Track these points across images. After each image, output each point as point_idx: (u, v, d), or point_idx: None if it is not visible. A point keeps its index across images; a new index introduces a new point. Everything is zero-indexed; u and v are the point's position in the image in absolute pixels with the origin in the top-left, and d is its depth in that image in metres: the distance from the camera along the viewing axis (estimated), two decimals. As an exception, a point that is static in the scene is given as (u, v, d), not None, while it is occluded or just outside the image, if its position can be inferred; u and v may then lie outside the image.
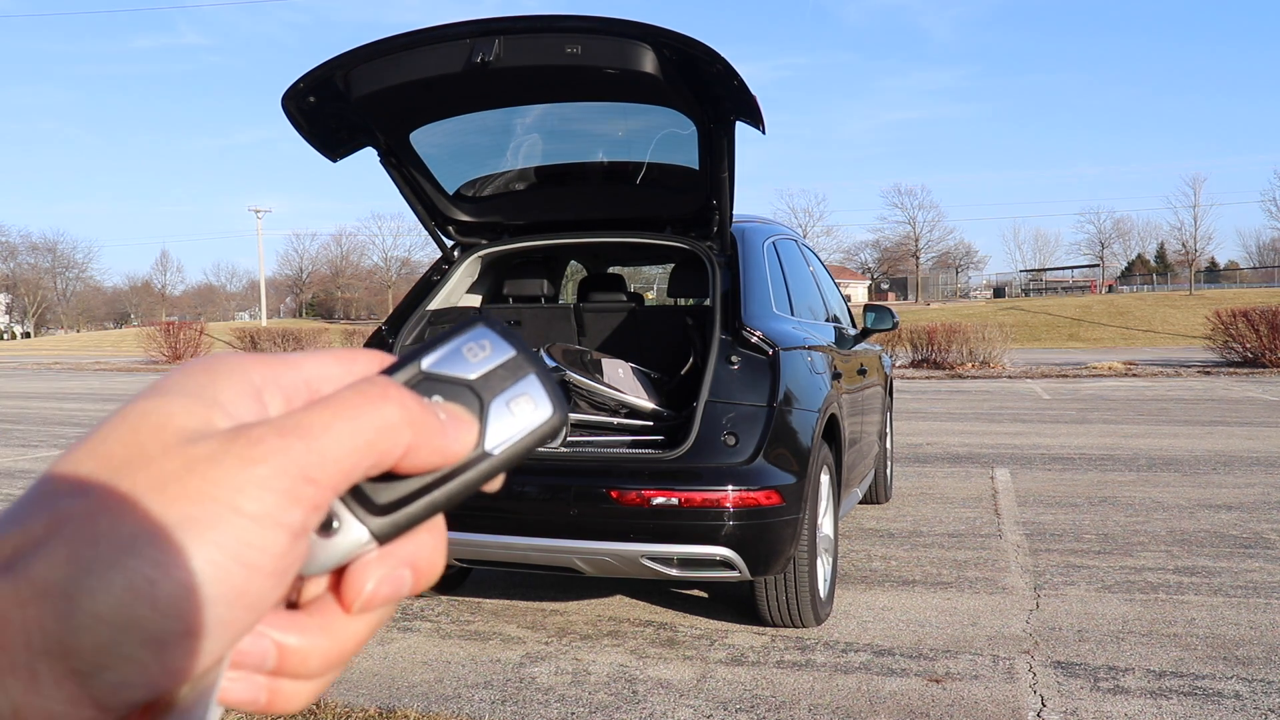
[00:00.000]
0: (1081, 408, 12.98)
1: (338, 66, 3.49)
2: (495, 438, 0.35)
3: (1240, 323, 19.89)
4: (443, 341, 0.36)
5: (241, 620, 0.29)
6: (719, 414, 3.53)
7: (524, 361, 0.36)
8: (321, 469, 0.30)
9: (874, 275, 79.53)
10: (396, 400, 0.32)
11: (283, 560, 0.29)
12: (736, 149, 3.77)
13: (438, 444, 0.33)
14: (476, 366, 0.36)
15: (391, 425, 0.32)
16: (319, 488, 0.30)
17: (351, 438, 0.31)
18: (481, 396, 0.35)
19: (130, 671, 0.27)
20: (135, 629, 0.26)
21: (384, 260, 77.61)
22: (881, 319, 5.95)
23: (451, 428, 0.34)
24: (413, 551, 0.34)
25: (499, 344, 0.36)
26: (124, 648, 0.26)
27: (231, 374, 0.32)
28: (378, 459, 0.32)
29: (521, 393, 0.35)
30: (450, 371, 0.35)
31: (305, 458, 0.30)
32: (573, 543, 3.48)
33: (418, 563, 0.34)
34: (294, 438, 0.30)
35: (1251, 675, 3.41)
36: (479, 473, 0.35)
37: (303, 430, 0.30)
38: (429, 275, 4.58)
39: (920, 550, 5.23)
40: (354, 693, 3.39)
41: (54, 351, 46.64)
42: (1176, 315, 41.54)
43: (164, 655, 0.27)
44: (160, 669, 0.27)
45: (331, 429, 0.31)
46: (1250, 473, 7.47)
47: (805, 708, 3.20)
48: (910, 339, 22.16)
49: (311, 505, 0.30)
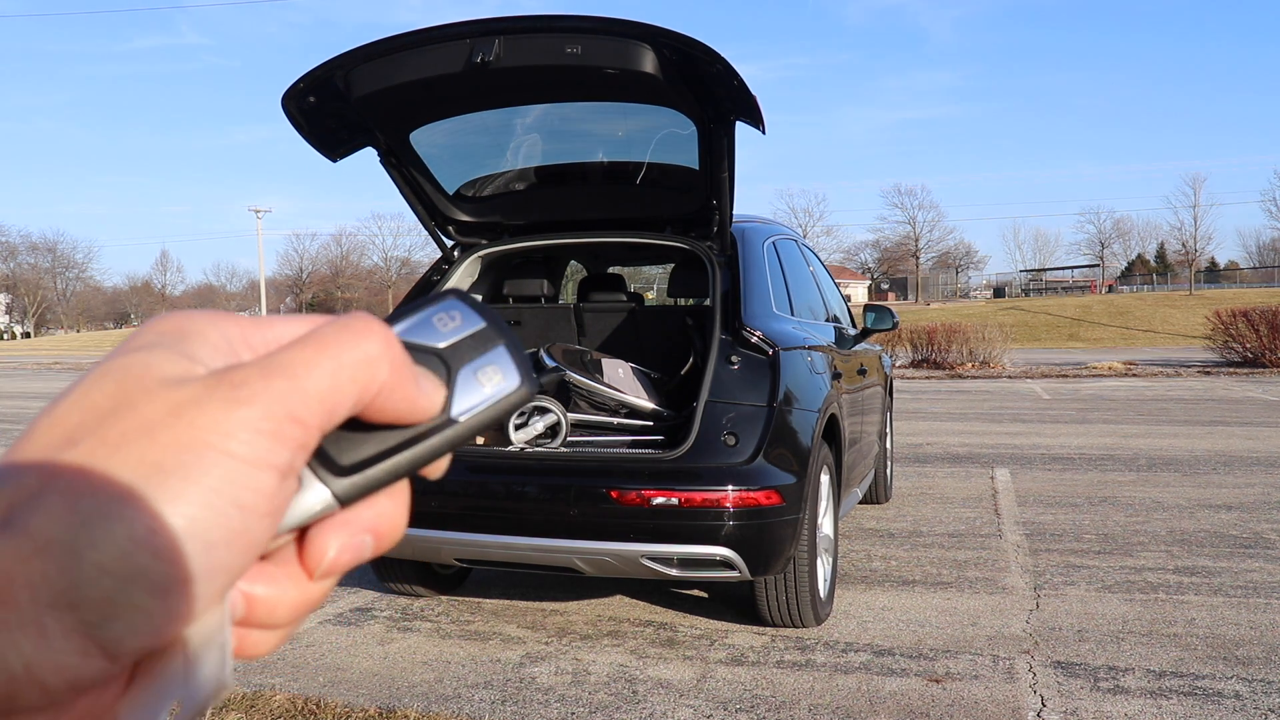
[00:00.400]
0: (1081, 408, 12.98)
1: (338, 66, 3.49)
2: (461, 405, 0.35)
3: (1240, 323, 19.89)
4: (414, 310, 0.36)
5: (239, 561, 0.29)
6: (719, 414, 3.53)
7: (494, 333, 0.36)
8: (306, 407, 0.30)
9: (874, 275, 79.53)
10: (379, 335, 0.33)
11: (274, 500, 0.29)
12: (736, 149, 3.78)
13: (410, 392, 0.33)
14: (446, 336, 0.36)
15: (373, 358, 0.32)
16: (305, 427, 0.30)
17: (335, 374, 0.31)
18: (449, 364, 0.35)
19: (137, 619, 0.27)
20: (140, 578, 0.27)
21: (384, 260, 77.69)
22: (881, 319, 5.95)
23: (425, 383, 0.34)
24: (374, 517, 0.34)
25: (470, 315, 0.36)
26: (130, 597, 0.27)
27: (203, 330, 0.32)
28: (360, 394, 0.32)
29: (489, 363, 0.36)
30: (419, 339, 0.35)
31: (291, 397, 0.30)
32: (573, 543, 3.48)
33: (379, 528, 0.34)
34: (278, 378, 0.30)
35: (1251, 675, 3.41)
36: (443, 439, 0.34)
37: (287, 369, 0.30)
38: (429, 275, 4.58)
39: (920, 550, 5.23)
40: (354, 693, 3.39)
41: (54, 351, 46.65)
42: (1176, 315, 41.54)
43: (169, 601, 0.27)
44: (165, 615, 0.27)
45: (315, 366, 0.31)
46: (1250, 473, 7.47)
47: (805, 708, 3.20)
48: (910, 339, 22.16)
49: (298, 444, 0.30)
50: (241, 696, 3.30)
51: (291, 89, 3.54)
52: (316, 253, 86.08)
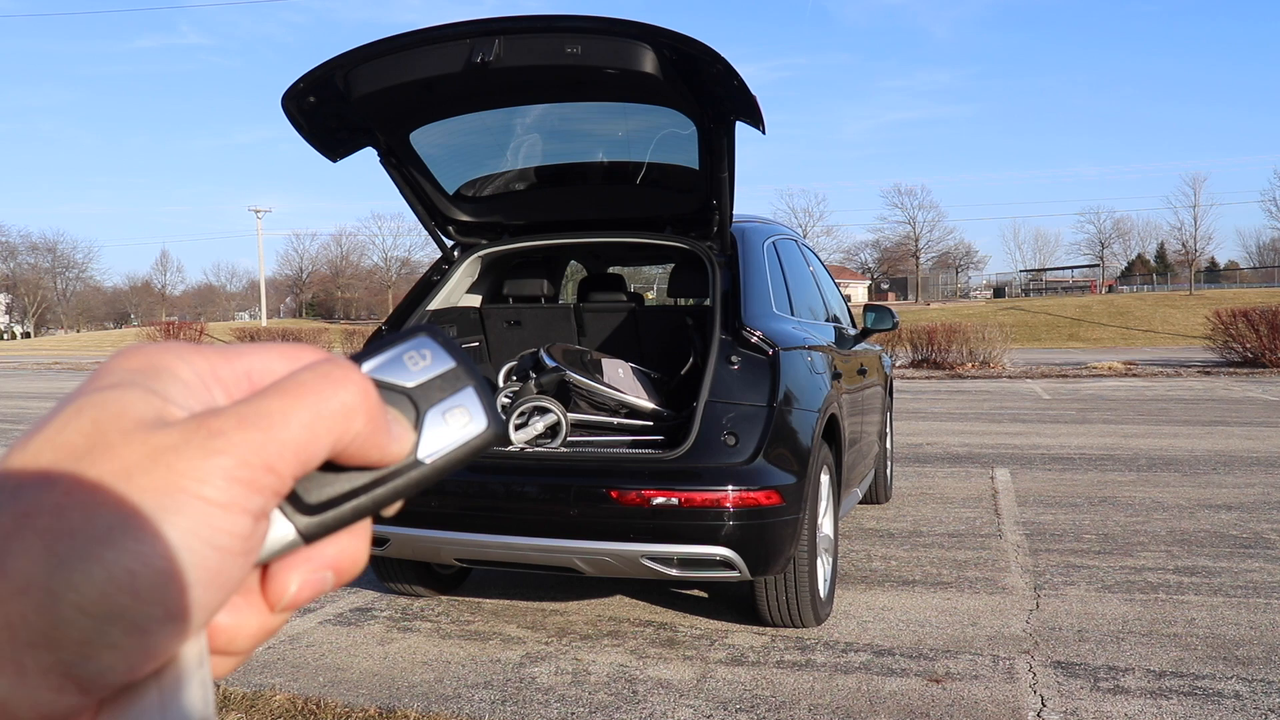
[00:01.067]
0: (1081, 408, 12.98)
1: (338, 66, 3.49)
2: (428, 447, 0.35)
3: (1240, 323, 19.88)
4: (385, 347, 0.36)
5: (215, 599, 0.30)
6: (719, 414, 3.53)
7: (463, 374, 0.36)
8: (281, 457, 0.31)
9: (874, 275, 79.51)
10: (357, 385, 0.33)
11: (249, 541, 0.30)
12: (736, 149, 3.78)
13: (382, 440, 0.34)
14: (416, 375, 0.36)
15: (350, 409, 0.32)
16: (279, 475, 0.31)
17: (311, 425, 0.31)
18: (418, 405, 0.35)
19: (115, 658, 0.27)
20: (119, 619, 0.27)
21: (384, 260, 77.65)
22: (881, 319, 5.95)
23: (396, 428, 0.34)
24: (335, 554, 0.34)
25: (440, 354, 0.36)
26: (108, 637, 0.27)
27: (173, 366, 0.32)
28: (334, 443, 0.32)
29: (458, 404, 0.36)
30: (389, 378, 0.35)
31: (266, 447, 0.30)
32: (573, 543, 3.48)
33: (340, 564, 0.35)
34: (255, 429, 0.30)
35: (1251, 675, 3.41)
36: (408, 481, 0.35)
37: (263, 419, 0.31)
38: (429, 275, 4.58)
39: (920, 550, 5.23)
40: (354, 693, 3.39)
41: (54, 351, 46.64)
42: (1176, 315, 41.53)
43: (147, 640, 0.28)
44: (143, 653, 0.28)
45: (292, 416, 0.31)
46: (1250, 473, 7.47)
47: (805, 708, 3.20)
48: (910, 339, 22.15)
49: (272, 491, 0.31)
50: (241, 696, 3.30)
51: (291, 89, 3.54)
52: (316, 253, 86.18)
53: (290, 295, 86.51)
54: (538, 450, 3.77)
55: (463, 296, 4.73)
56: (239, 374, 0.33)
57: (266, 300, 61.03)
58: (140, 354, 0.32)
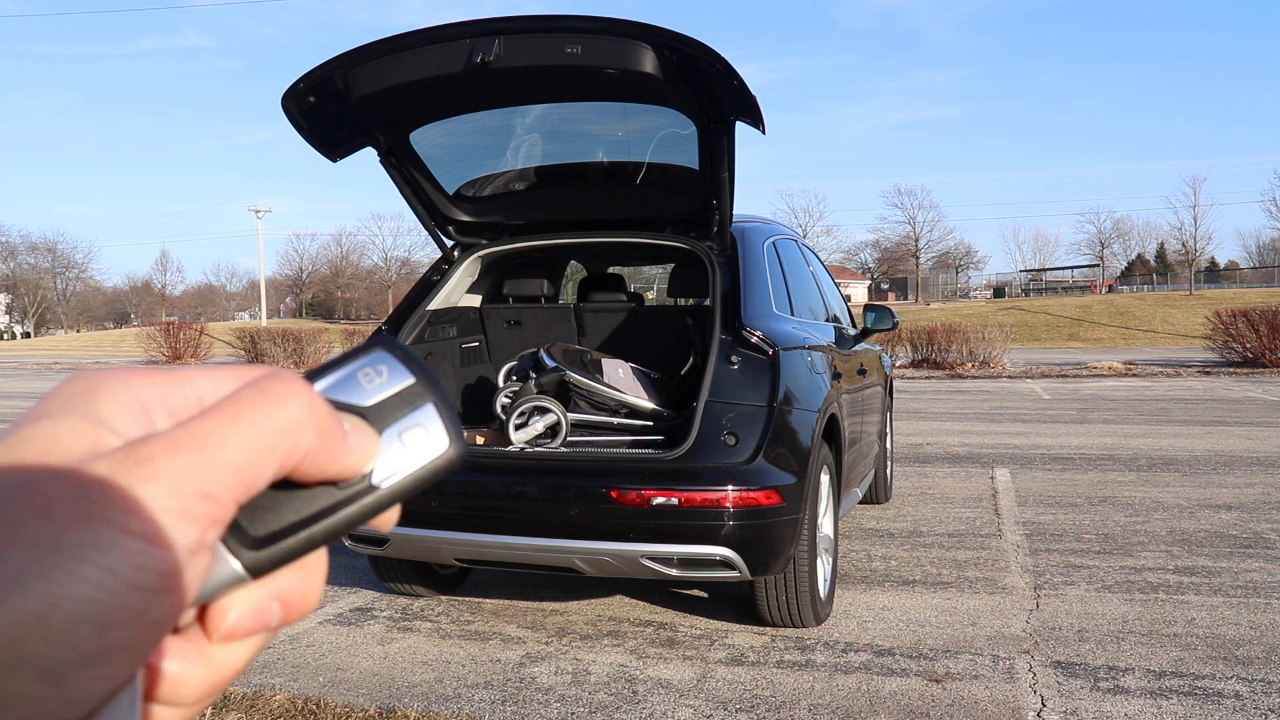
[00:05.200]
0: (1081, 408, 12.98)
1: (338, 66, 3.49)
2: (384, 470, 0.33)
3: (1240, 323, 19.88)
4: (339, 364, 0.34)
5: (143, 641, 0.27)
6: (719, 414, 3.53)
7: (422, 390, 0.34)
8: (220, 482, 0.28)
9: (874, 275, 79.50)
10: (301, 396, 0.31)
11: (179, 578, 0.28)
12: (736, 149, 3.78)
13: (337, 451, 0.31)
14: (371, 393, 0.33)
15: (295, 425, 0.30)
16: (218, 502, 0.29)
17: (253, 444, 0.29)
18: (374, 425, 0.33)
19: (27, 708, 0.25)
20: (28, 665, 0.25)
21: (384, 260, 77.60)
22: (881, 319, 5.95)
23: (354, 437, 0.32)
24: (284, 586, 0.32)
25: (397, 370, 0.34)
26: (20, 685, 0.25)
27: (114, 391, 0.30)
28: (282, 463, 0.30)
29: (416, 424, 0.33)
30: (343, 397, 0.33)
31: (201, 471, 0.28)
32: (573, 543, 3.48)
33: (288, 597, 0.32)
34: (186, 452, 0.28)
35: (1251, 675, 3.41)
36: (362, 507, 0.32)
37: (197, 442, 0.29)
38: (429, 275, 4.58)
39: (920, 550, 5.23)
40: (354, 693, 3.39)
41: (54, 351, 46.64)
42: (1176, 315, 41.52)
43: (61, 687, 0.26)
44: (59, 701, 0.26)
45: (230, 437, 0.29)
46: (1250, 473, 7.47)
47: (805, 708, 3.20)
48: (910, 339, 22.15)
49: (210, 521, 0.28)
50: (241, 696, 3.30)
51: (291, 89, 3.54)
52: (316, 253, 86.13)
53: (290, 295, 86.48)
54: (538, 450, 3.77)
55: (463, 296, 4.73)
56: (189, 399, 0.31)
57: (266, 300, 61.01)
58: (82, 379, 0.30)
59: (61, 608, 0.25)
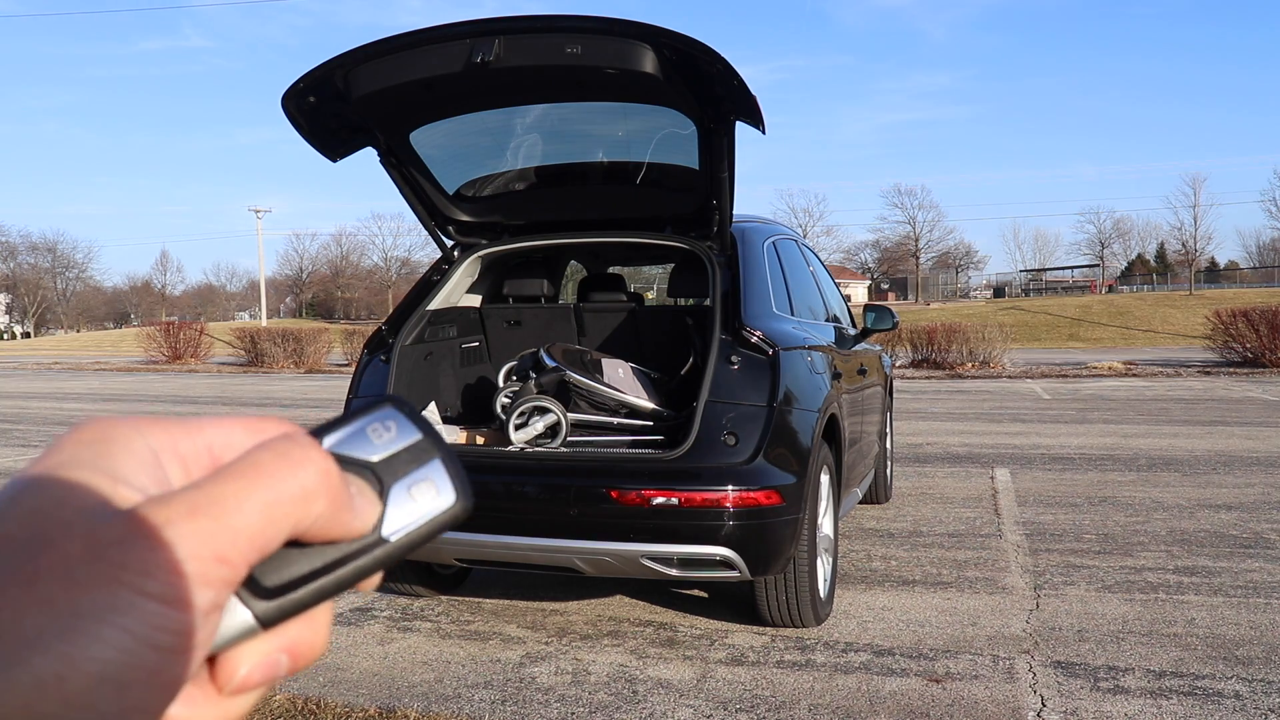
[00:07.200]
0: (1081, 408, 12.98)
1: (338, 66, 3.48)
2: (393, 524, 0.34)
3: (1240, 323, 19.88)
4: (348, 420, 0.35)
5: (159, 699, 0.28)
6: (719, 414, 3.53)
7: (429, 445, 0.35)
8: (235, 547, 0.29)
9: (874, 275, 79.49)
10: (317, 464, 0.31)
11: (194, 639, 0.28)
12: (736, 149, 3.77)
13: (346, 517, 0.32)
14: (380, 448, 0.34)
15: (310, 492, 0.31)
16: (232, 566, 0.29)
17: (268, 510, 0.30)
18: (383, 479, 0.34)
19: None
20: None
21: (384, 260, 77.60)
22: (881, 319, 5.95)
23: (359, 501, 0.33)
24: (293, 637, 0.32)
25: (405, 426, 0.35)
26: None
27: (129, 441, 0.30)
28: (293, 528, 0.31)
29: (424, 478, 0.34)
30: (352, 452, 0.34)
31: (218, 537, 0.29)
32: (573, 543, 3.48)
33: (296, 647, 0.32)
34: (206, 517, 0.29)
35: (1251, 675, 3.41)
36: (372, 559, 0.33)
37: (215, 507, 0.29)
38: (429, 275, 4.58)
39: (920, 550, 5.23)
40: (354, 693, 3.39)
41: (54, 351, 46.63)
42: (1176, 315, 41.52)
43: None
44: None
45: (246, 502, 0.29)
46: (1250, 473, 7.47)
47: (805, 708, 3.20)
48: (910, 339, 22.14)
49: (224, 583, 0.29)
50: (241, 696, 3.30)
51: (291, 89, 3.54)
52: (316, 253, 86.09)
53: (290, 295, 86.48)
54: (538, 450, 3.77)
55: (463, 296, 4.73)
56: (199, 449, 0.32)
57: (266, 300, 61.00)
58: (95, 427, 0.31)
59: (81, 669, 0.26)
